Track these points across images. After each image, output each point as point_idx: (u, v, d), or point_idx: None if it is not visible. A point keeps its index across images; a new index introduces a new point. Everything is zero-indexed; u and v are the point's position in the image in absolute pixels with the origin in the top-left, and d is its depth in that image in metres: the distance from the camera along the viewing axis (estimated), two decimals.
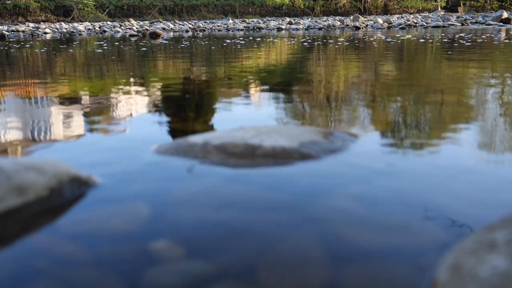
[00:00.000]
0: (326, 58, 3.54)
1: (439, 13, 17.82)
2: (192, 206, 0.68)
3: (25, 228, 0.61)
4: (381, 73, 2.51)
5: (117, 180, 0.80)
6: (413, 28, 9.52)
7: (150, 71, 2.93)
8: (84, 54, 4.28)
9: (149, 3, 21.95)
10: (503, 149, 1.00)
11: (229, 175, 0.80)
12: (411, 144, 1.04)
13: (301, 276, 0.49)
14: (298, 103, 1.64)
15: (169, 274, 0.50)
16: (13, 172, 0.67)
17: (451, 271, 0.44)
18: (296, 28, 10.13)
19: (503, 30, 7.19)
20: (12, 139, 1.16)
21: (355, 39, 5.84)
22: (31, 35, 9.12)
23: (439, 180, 0.77)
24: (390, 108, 1.48)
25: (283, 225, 0.61)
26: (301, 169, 0.83)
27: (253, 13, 23.74)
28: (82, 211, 0.67)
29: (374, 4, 25.73)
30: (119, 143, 1.10)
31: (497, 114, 1.34)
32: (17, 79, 2.53)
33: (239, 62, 3.36)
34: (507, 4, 24.63)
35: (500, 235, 0.44)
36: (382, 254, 0.53)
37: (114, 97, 1.84)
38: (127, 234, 0.59)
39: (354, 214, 0.64)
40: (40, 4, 19.74)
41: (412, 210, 0.65)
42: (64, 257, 0.54)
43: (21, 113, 1.54)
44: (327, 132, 1.02)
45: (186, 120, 1.40)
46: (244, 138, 0.91)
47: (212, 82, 2.27)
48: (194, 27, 11.26)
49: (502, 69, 2.51)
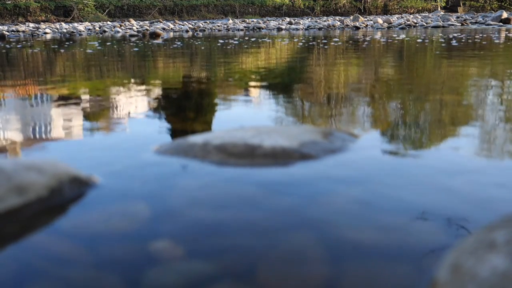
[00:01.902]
0: (326, 58, 3.54)
1: (439, 13, 17.82)
2: (192, 206, 0.68)
3: (25, 228, 0.61)
4: (381, 73, 2.52)
5: (117, 180, 0.80)
6: (413, 28, 9.52)
7: (150, 71, 2.93)
8: (84, 54, 4.28)
9: (149, 3, 21.95)
10: (503, 149, 1.00)
11: (229, 175, 0.80)
12: (411, 144, 1.05)
13: (301, 276, 0.49)
14: (298, 103, 1.64)
15: (169, 274, 0.50)
16: (13, 172, 0.67)
17: (451, 271, 0.44)
18: (296, 28, 10.13)
19: (502, 30, 7.19)
20: (12, 139, 1.16)
21: (355, 39, 5.84)
22: (31, 35, 9.12)
23: (439, 180, 0.77)
24: (390, 108, 1.48)
25: (283, 225, 0.61)
26: (301, 169, 0.83)
27: (253, 13, 23.75)
28: (82, 211, 0.67)
29: (374, 4, 25.73)
30: (119, 143, 1.10)
31: (497, 114, 1.34)
32: (17, 79, 2.53)
33: (239, 62, 3.36)
34: (507, 4, 24.63)
35: (500, 235, 0.44)
36: (382, 254, 0.53)
37: (114, 97, 1.84)
38: (127, 234, 0.59)
39: (354, 214, 0.64)
40: (40, 4, 19.74)
41: (412, 210, 0.65)
42: (64, 257, 0.54)
43: (21, 113, 1.54)
44: (327, 132, 1.02)
45: (186, 120, 1.40)
46: (244, 138, 0.91)
47: (212, 82, 2.27)
48: (194, 27, 11.26)
49: (502, 69, 2.51)
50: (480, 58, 3.14)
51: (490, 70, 2.45)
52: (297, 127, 1.11)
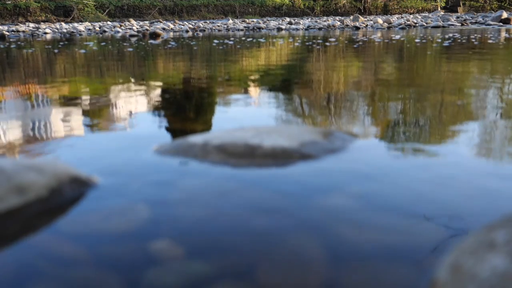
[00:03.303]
0: (326, 58, 3.54)
1: (438, 13, 17.83)
2: (192, 206, 0.68)
3: (25, 228, 0.61)
4: (381, 73, 2.51)
5: (117, 180, 0.80)
6: (413, 28, 9.52)
7: (150, 71, 2.93)
8: (84, 54, 4.28)
9: (149, 3, 21.95)
10: (503, 150, 1.00)
11: (229, 175, 0.80)
12: (410, 144, 1.04)
13: (301, 276, 0.49)
14: (298, 103, 1.64)
15: (169, 274, 0.50)
16: (13, 172, 0.67)
17: (451, 271, 0.44)
18: (296, 28, 10.13)
19: (502, 30, 7.20)
20: (12, 139, 1.16)
21: (355, 39, 5.84)
22: (31, 35, 9.12)
23: (439, 180, 0.77)
24: (390, 108, 1.48)
25: (283, 224, 0.61)
26: (301, 169, 0.83)
27: (253, 13, 23.74)
28: (82, 211, 0.67)
29: (374, 4, 25.73)
30: (119, 143, 1.10)
31: (497, 114, 1.34)
32: (17, 79, 2.53)
33: (239, 62, 3.36)
34: (507, 4, 24.63)
35: (500, 235, 0.44)
36: (382, 254, 0.53)
37: (114, 97, 1.84)
38: (127, 234, 0.59)
39: (354, 214, 0.64)
40: (40, 4, 19.74)
41: (412, 209, 0.65)
42: (64, 257, 0.54)
43: (21, 113, 1.54)
44: (327, 132, 1.02)
45: (186, 120, 1.40)
46: (244, 138, 0.91)
47: (212, 82, 2.27)
48: (194, 27, 11.25)
49: (502, 69, 2.51)
50: (480, 58, 3.14)
51: (489, 70, 2.45)
52: (297, 127, 1.11)
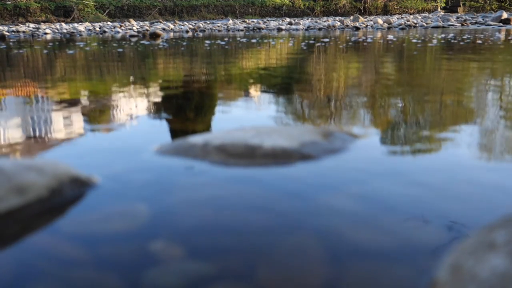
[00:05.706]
0: (326, 58, 3.54)
1: (438, 14, 17.83)
2: (192, 206, 0.68)
3: (25, 228, 0.61)
4: (381, 74, 2.52)
5: (117, 180, 0.80)
6: (413, 28, 9.52)
7: (150, 71, 2.93)
8: (84, 55, 4.28)
9: (149, 3, 21.95)
10: (504, 150, 1.00)
11: (229, 176, 0.80)
12: (410, 144, 1.05)
13: (301, 276, 0.49)
14: (298, 104, 1.64)
15: (168, 274, 0.50)
16: (14, 173, 0.67)
17: (451, 271, 0.44)
18: (296, 29, 10.13)
19: (502, 31, 7.20)
20: (12, 139, 1.16)
21: (355, 40, 5.84)
22: (31, 36, 9.12)
23: (439, 181, 0.77)
24: (390, 109, 1.48)
25: (283, 225, 0.61)
26: (301, 170, 0.83)
27: (253, 13, 23.75)
28: (82, 211, 0.67)
29: (374, 4, 25.73)
30: (120, 143, 1.10)
31: (497, 114, 1.34)
32: (17, 80, 2.54)
33: (239, 62, 3.36)
34: (507, 4, 24.63)
35: (500, 235, 0.44)
36: (382, 254, 0.53)
37: (114, 97, 1.84)
38: (127, 234, 0.59)
39: (353, 214, 0.64)
40: (40, 5, 19.75)
41: (412, 210, 0.65)
42: (64, 257, 0.54)
43: (21, 113, 1.54)
44: (327, 133, 1.02)
45: (186, 120, 1.40)
46: (244, 139, 0.91)
47: (212, 82, 2.27)
48: (194, 27, 11.25)
49: (501, 69, 2.51)
50: (480, 58, 3.14)
51: (489, 70, 2.45)
52: (297, 128, 1.11)
